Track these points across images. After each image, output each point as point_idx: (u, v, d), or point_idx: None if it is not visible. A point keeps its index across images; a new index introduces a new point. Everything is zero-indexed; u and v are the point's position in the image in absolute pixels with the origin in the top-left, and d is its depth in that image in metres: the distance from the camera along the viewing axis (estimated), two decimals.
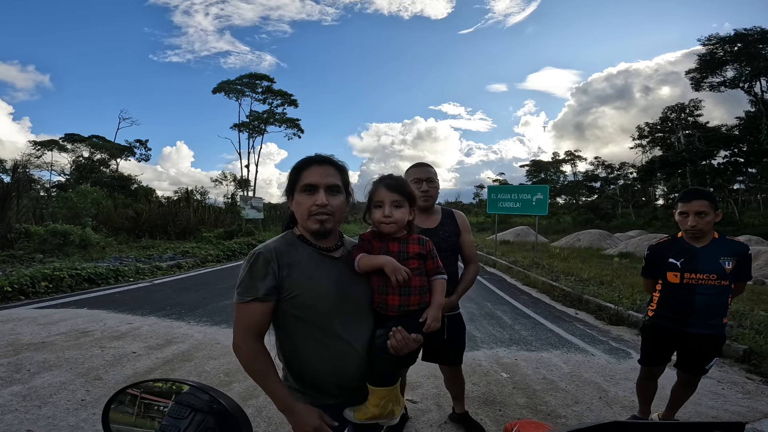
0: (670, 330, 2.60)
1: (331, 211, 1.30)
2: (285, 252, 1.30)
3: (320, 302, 1.28)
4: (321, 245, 1.36)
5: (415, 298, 1.33)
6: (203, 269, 11.30)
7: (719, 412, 3.19)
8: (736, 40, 31.68)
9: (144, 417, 0.85)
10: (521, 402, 3.35)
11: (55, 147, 41.90)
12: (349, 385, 1.32)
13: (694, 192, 2.53)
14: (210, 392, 0.83)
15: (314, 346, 1.29)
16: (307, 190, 1.30)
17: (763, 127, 30.21)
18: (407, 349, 1.28)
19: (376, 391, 1.29)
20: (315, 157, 1.35)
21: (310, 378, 1.31)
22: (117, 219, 18.27)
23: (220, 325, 5.43)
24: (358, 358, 1.31)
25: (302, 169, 1.33)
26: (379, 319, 1.37)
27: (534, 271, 10.73)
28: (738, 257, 2.47)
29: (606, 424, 0.58)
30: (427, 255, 1.39)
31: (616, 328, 5.78)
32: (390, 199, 1.37)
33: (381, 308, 1.35)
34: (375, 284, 1.35)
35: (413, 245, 1.38)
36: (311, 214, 1.29)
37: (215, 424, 0.80)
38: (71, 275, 7.79)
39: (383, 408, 1.29)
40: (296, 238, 1.36)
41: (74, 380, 3.47)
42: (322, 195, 1.28)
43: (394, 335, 1.27)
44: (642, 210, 45.11)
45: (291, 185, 1.35)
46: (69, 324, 5.15)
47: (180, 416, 0.81)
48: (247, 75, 44.94)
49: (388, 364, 1.30)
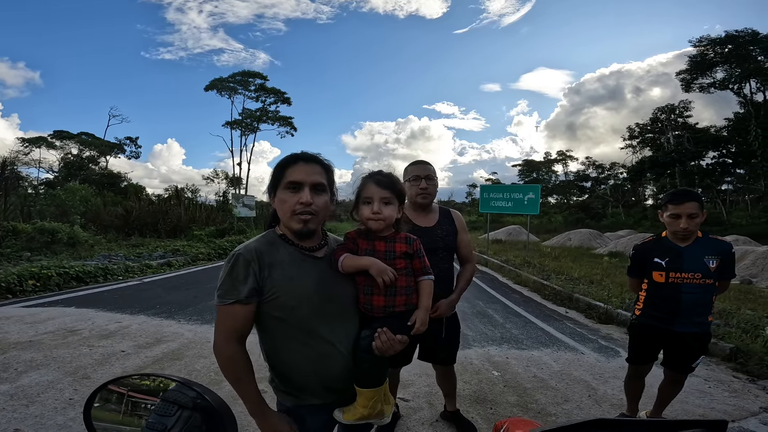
0: (657, 329, 2.62)
1: (315, 211, 1.26)
2: (266, 252, 1.26)
3: (302, 303, 1.25)
4: (303, 245, 1.32)
5: (401, 299, 1.31)
6: (194, 267, 11.21)
7: (706, 411, 3.23)
8: (726, 41, 32.10)
9: (129, 414, 0.83)
10: (512, 400, 3.37)
11: (43, 144, 41.26)
12: (334, 386, 1.30)
13: (685, 193, 2.52)
14: (195, 388, 0.82)
15: (297, 348, 1.27)
16: (291, 188, 1.26)
17: (752, 129, 30.67)
18: (392, 350, 1.26)
19: (363, 392, 1.28)
20: (301, 154, 1.31)
21: (295, 379, 1.29)
22: (106, 217, 18.04)
23: (211, 323, 5.39)
24: (342, 359, 1.29)
25: (287, 166, 1.28)
26: (365, 319, 1.34)
27: (525, 270, 10.80)
28: (722, 256, 2.50)
29: (590, 421, 0.58)
30: (414, 254, 1.36)
31: (606, 327, 5.84)
32: (379, 196, 1.32)
33: (366, 309, 1.33)
34: (360, 284, 1.32)
35: (400, 244, 1.35)
36: (294, 212, 1.25)
37: (202, 421, 0.80)
38: (59, 273, 7.68)
39: (372, 408, 1.28)
40: (278, 237, 1.32)
41: (62, 379, 3.43)
42: (307, 193, 1.25)
43: (379, 336, 1.25)
44: (632, 210, 45.61)
45: (274, 182, 1.30)
46: (57, 323, 5.08)
47: (166, 413, 0.80)
48: (240, 72, 44.75)
49: (374, 365, 1.28)
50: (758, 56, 31.55)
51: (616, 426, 0.59)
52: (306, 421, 1.30)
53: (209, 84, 44.50)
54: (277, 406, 1.37)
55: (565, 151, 60.47)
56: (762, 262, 11.13)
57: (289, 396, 1.31)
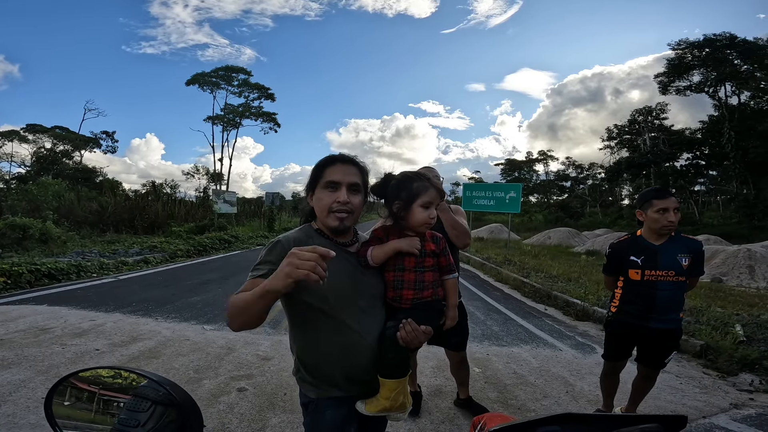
0: (632, 325, 2.69)
1: (351, 209, 1.34)
2: (304, 242, 1.31)
3: (336, 294, 1.30)
4: (338, 240, 1.39)
5: (428, 292, 1.36)
6: (172, 264, 10.98)
7: (677, 407, 3.31)
8: (704, 45, 32.86)
9: (97, 412, 0.81)
10: (493, 396, 3.42)
11: (15, 138, 39.89)
12: (358, 378, 1.34)
13: (666, 189, 2.65)
14: (151, 376, 0.81)
15: (328, 337, 1.32)
16: (330, 187, 1.34)
17: (725, 131, 31.61)
18: (417, 341, 1.29)
19: (386, 383, 1.30)
20: (339, 155, 1.39)
21: (323, 368, 1.34)
22: (80, 212, 17.54)
23: (190, 321, 5.31)
24: (369, 350, 1.33)
25: (325, 166, 1.37)
26: (390, 312, 1.39)
27: (506, 268, 10.92)
28: (693, 254, 2.58)
29: (559, 415, 0.61)
30: (441, 252, 1.41)
31: (583, 324, 5.96)
32: (437, 202, 1.38)
33: (395, 302, 1.37)
34: (389, 279, 1.37)
35: (429, 243, 1.39)
36: (332, 210, 1.33)
37: (177, 416, 0.78)
38: (30, 270, 7.44)
39: (394, 400, 1.30)
40: (314, 231, 1.40)
41: (34, 378, 3.34)
42: (344, 192, 1.32)
43: (404, 327, 1.28)
44: (609, 209, 46.57)
45: (313, 181, 1.38)
46: (28, 321, 4.92)
47: (139, 409, 0.78)
48: (222, 67, 43.95)
49: (398, 355, 1.31)
50: (734, 60, 32.48)
51: (581, 420, 0.62)
52: (326, 414, 1.34)
53: (191, 78, 43.57)
54: (300, 397, 1.43)
55: (546, 151, 61.61)
56: (732, 261, 11.51)
57: (314, 387, 1.35)
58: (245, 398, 3.18)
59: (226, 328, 5.01)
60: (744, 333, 4.86)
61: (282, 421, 2.86)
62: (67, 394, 0.84)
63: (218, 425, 2.78)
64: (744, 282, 10.53)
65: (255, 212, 30.97)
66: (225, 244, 16.12)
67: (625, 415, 0.67)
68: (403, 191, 1.37)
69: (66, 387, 0.84)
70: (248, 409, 3.02)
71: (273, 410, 3.01)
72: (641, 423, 0.60)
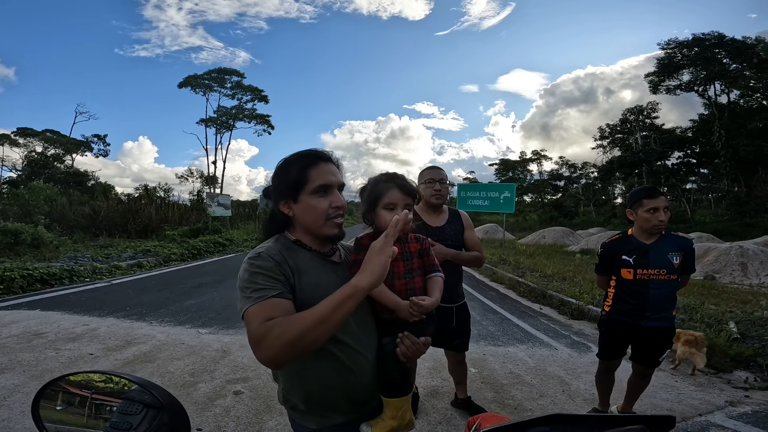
0: (626, 324, 2.70)
1: (344, 213, 1.21)
2: (288, 257, 1.15)
3: None
4: (321, 250, 1.23)
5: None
6: (166, 268, 10.92)
7: (673, 405, 3.32)
8: (694, 44, 33.02)
9: (88, 415, 0.80)
10: (489, 396, 3.42)
11: (6, 142, 39.45)
12: (360, 399, 1.21)
13: (656, 189, 2.64)
14: (137, 381, 0.79)
15: (325, 360, 1.15)
16: (321, 192, 1.16)
17: (715, 130, 31.86)
18: (417, 354, 1.20)
19: (390, 402, 1.22)
20: (319, 153, 1.22)
21: (322, 395, 1.17)
22: (72, 217, 17.38)
23: (185, 325, 5.27)
24: (370, 369, 1.20)
25: (307, 167, 1.17)
26: (381, 325, 1.28)
27: (501, 268, 10.96)
28: (684, 252, 2.60)
29: (549, 416, 0.62)
30: (425, 252, 1.33)
31: (578, 323, 5.98)
32: (404, 203, 1.28)
33: (388, 314, 1.26)
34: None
35: (413, 244, 1.32)
36: (329, 217, 1.17)
37: (169, 419, 0.77)
38: (23, 276, 7.37)
39: (401, 419, 1.21)
40: (292, 243, 1.22)
41: (28, 383, 3.32)
42: (339, 195, 1.19)
43: (402, 341, 1.18)
44: (602, 208, 46.86)
45: (295, 186, 1.17)
46: (21, 326, 4.88)
47: (131, 412, 0.77)
48: (216, 70, 43.59)
49: (401, 372, 1.22)
50: (723, 59, 32.75)
51: (570, 420, 0.63)
52: None
53: (183, 81, 43.20)
54: (295, 428, 1.26)
55: (539, 151, 61.62)
56: (724, 259, 11.58)
57: (312, 416, 1.19)
58: (241, 401, 3.17)
59: (221, 332, 4.98)
60: (738, 330, 4.88)
61: (278, 423, 2.84)
62: (54, 397, 0.83)
63: (214, 429, 2.77)
64: (737, 279, 10.60)
65: (250, 215, 30.88)
66: (219, 247, 16.07)
67: (613, 416, 0.68)
68: (369, 195, 1.31)
69: (54, 391, 0.83)
70: (244, 412, 3.01)
71: (269, 413, 3.00)
72: (628, 424, 0.60)
